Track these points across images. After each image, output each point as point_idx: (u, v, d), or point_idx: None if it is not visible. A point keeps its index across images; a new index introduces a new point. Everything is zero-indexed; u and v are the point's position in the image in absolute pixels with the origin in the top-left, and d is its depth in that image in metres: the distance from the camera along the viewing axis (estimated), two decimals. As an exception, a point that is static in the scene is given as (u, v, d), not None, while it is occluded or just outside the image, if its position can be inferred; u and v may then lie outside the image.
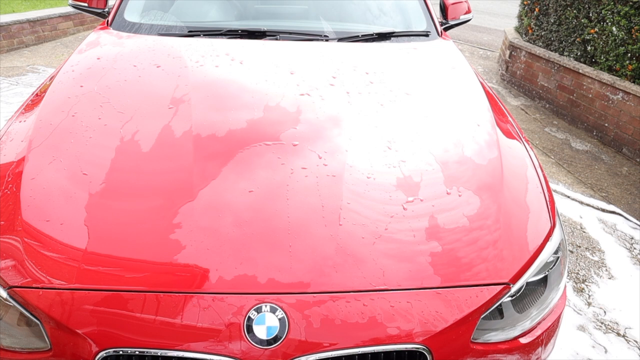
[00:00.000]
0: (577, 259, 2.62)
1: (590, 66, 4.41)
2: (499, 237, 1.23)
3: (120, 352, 1.01)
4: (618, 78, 4.03)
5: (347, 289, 1.07)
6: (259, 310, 1.03)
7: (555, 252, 1.29)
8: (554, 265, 1.28)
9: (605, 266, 2.58)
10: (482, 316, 1.12)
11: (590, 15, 4.38)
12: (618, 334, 2.12)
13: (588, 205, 3.20)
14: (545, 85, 4.98)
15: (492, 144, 1.52)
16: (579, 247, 2.73)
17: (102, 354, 1.01)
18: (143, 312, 1.03)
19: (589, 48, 4.46)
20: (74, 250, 1.11)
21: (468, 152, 1.48)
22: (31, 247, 1.11)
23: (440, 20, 2.58)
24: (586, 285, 2.42)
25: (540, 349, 1.25)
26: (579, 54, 4.61)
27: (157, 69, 1.76)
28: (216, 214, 1.18)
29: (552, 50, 5.01)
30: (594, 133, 4.32)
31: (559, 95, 4.78)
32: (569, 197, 3.29)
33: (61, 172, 1.30)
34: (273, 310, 1.03)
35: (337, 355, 1.02)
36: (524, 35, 5.68)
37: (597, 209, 3.16)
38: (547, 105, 4.97)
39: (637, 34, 3.82)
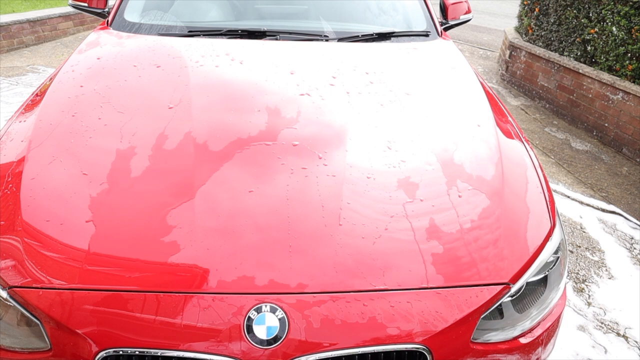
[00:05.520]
0: (577, 259, 2.62)
1: (590, 66, 4.41)
2: (498, 237, 1.23)
3: (120, 352, 1.01)
4: (618, 78, 4.03)
5: (347, 289, 1.07)
6: (259, 310, 1.03)
7: (555, 252, 1.29)
8: (554, 265, 1.28)
9: (605, 266, 2.58)
10: (482, 316, 1.12)
11: (590, 15, 4.38)
12: (618, 334, 2.12)
13: (588, 205, 3.20)
14: (545, 85, 4.98)
15: (493, 144, 1.52)
16: (579, 247, 2.73)
17: (102, 354, 1.01)
18: (143, 312, 1.03)
19: (589, 48, 4.46)
20: (74, 250, 1.11)
21: (468, 152, 1.48)
22: (31, 247, 1.11)
23: (440, 20, 2.58)
24: (586, 285, 2.42)
25: (540, 349, 1.25)
26: (579, 54, 4.61)
27: (157, 69, 1.76)
28: (216, 214, 1.18)
29: (552, 50, 5.01)
30: (594, 133, 4.32)
31: (559, 95, 4.78)
32: (569, 197, 3.29)
33: (61, 172, 1.30)
34: (273, 310, 1.03)
35: (337, 355, 1.02)
36: (524, 35, 5.68)
37: (597, 209, 3.16)
38: (547, 105, 4.97)
39: (637, 34, 3.82)
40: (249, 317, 1.03)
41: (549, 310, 1.26)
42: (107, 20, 2.22)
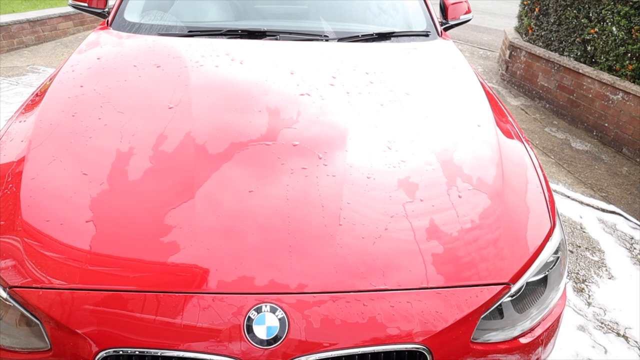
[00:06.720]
0: (577, 259, 2.62)
1: (590, 66, 4.41)
2: (499, 237, 1.23)
3: (120, 352, 1.01)
4: (618, 78, 4.03)
5: (347, 289, 1.07)
6: (259, 310, 1.03)
7: (555, 252, 1.29)
8: (554, 265, 1.28)
9: (605, 266, 2.58)
10: (482, 316, 1.12)
11: (590, 15, 4.38)
12: (618, 334, 2.12)
13: (588, 205, 3.20)
14: (545, 85, 4.98)
15: (493, 144, 1.52)
16: (579, 247, 2.73)
17: (102, 354, 1.01)
18: (143, 312, 1.03)
19: (589, 48, 4.46)
20: (74, 250, 1.11)
21: (468, 152, 1.48)
22: (31, 247, 1.11)
23: (440, 20, 2.58)
24: (586, 285, 2.42)
25: (540, 349, 1.25)
26: (579, 54, 4.61)
27: (157, 69, 1.76)
28: (216, 214, 1.18)
29: (552, 50, 5.01)
30: (594, 133, 4.32)
31: (559, 95, 4.78)
32: (569, 197, 3.29)
33: (61, 172, 1.30)
34: (273, 310, 1.03)
35: (337, 355, 1.02)
36: (524, 35, 5.68)
37: (597, 209, 3.16)
38: (547, 105, 4.97)
39: (637, 34, 3.82)
40: (249, 317, 1.03)
41: (549, 310, 1.26)
42: (107, 20, 2.22)
